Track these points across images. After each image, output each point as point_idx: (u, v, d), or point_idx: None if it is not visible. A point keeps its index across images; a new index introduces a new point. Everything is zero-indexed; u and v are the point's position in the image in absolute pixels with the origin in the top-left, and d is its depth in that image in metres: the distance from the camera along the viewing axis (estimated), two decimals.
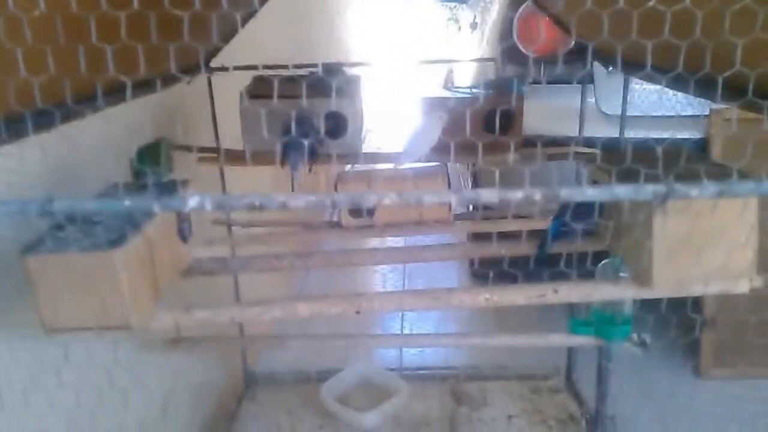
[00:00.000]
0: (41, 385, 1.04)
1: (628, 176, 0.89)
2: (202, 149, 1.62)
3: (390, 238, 1.74)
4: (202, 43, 0.90)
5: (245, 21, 1.42)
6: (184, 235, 1.24)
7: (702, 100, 2.05)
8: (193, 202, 0.56)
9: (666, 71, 0.84)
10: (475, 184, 2.76)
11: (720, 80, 0.71)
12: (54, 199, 0.57)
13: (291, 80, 1.56)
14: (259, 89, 1.55)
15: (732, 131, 1.93)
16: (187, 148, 1.52)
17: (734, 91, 0.80)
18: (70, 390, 1.09)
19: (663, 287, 1.05)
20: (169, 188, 1.23)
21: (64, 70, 0.66)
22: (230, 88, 1.61)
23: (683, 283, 1.03)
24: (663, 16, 0.69)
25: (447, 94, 2.17)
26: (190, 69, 1.49)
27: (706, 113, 2.07)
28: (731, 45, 0.66)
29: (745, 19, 0.66)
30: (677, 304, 1.12)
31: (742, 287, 1.04)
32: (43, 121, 0.81)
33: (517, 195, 0.55)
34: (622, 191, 0.56)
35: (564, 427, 1.80)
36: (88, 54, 0.66)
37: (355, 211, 1.60)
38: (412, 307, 1.15)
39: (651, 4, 0.68)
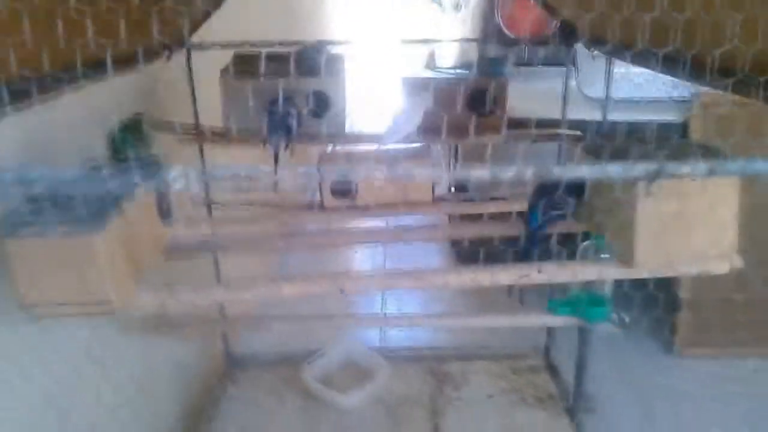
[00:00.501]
0: (18, 364, 1.01)
1: (617, 157, 0.89)
2: (183, 126, 1.58)
3: (372, 220, 1.73)
4: (186, 14, 0.87)
5: None
6: (165, 213, 1.22)
7: (685, 84, 2.06)
8: (176, 175, 0.54)
9: (655, 54, 0.84)
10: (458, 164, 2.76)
11: (709, 61, 0.71)
12: (32, 168, 0.55)
13: (273, 58, 1.53)
14: (240, 67, 1.52)
15: (717, 114, 1.95)
16: (168, 125, 1.49)
17: (724, 74, 0.80)
18: (47, 369, 1.07)
19: (646, 267, 1.06)
20: (150, 164, 1.20)
21: (43, 40, 0.64)
22: (208, 66, 1.57)
23: (666, 263, 1.05)
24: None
25: (430, 74, 2.15)
26: (171, 45, 1.45)
27: (687, 97, 2.09)
28: (721, 27, 0.66)
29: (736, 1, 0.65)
30: (655, 284, 1.13)
31: (723, 267, 1.05)
32: (20, 91, 0.78)
33: (509, 172, 0.54)
34: (614, 170, 0.56)
35: (543, 406, 1.82)
36: (68, 24, 0.64)
37: (338, 192, 1.58)
38: (397, 287, 1.15)
39: None
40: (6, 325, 1.00)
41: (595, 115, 1.86)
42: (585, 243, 1.35)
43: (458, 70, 2.58)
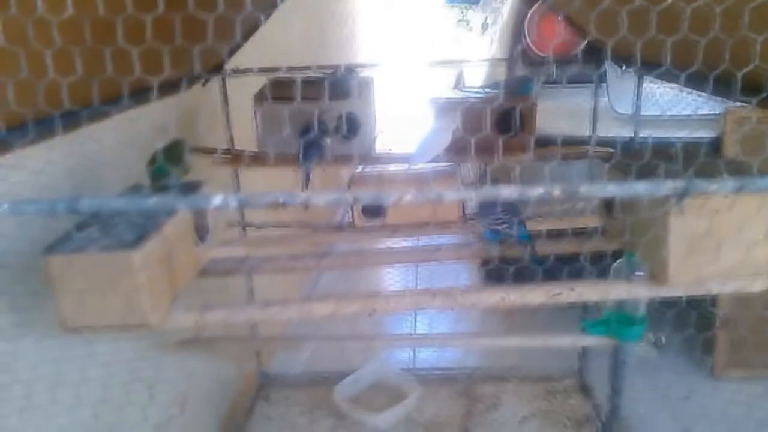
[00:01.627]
0: (69, 382, 1.05)
1: (645, 174, 0.89)
2: (219, 151, 1.63)
3: (402, 239, 1.75)
4: (224, 42, 0.91)
5: (265, 18, 1.43)
6: (201, 236, 1.26)
7: (715, 99, 2.04)
8: (217, 200, 0.57)
9: (683, 69, 0.85)
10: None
11: (738, 77, 0.71)
12: (81, 198, 0.58)
13: (305, 83, 1.57)
14: (274, 92, 1.56)
15: (745, 130, 1.92)
16: (207, 150, 1.54)
17: (751, 88, 0.80)
18: (96, 387, 1.11)
19: (679, 286, 1.05)
20: (189, 189, 1.24)
21: (91, 72, 0.68)
22: (243, 92, 1.62)
23: (699, 281, 1.03)
24: (680, 14, 0.69)
25: (458, 94, 2.17)
26: (211, 70, 1.50)
27: (719, 113, 2.06)
28: (749, 43, 0.66)
29: (763, 16, 0.66)
30: (692, 302, 1.11)
31: (759, 285, 1.04)
32: (70, 121, 0.82)
33: (537, 190, 0.55)
34: (642, 187, 0.57)
35: (578, 428, 1.79)
36: (113, 55, 0.67)
37: (368, 212, 1.60)
38: (427, 307, 1.15)
39: (668, 2, 0.68)
40: (56, 343, 1.04)
41: (625, 133, 1.85)
42: (617, 261, 1.34)
43: (486, 90, 2.59)
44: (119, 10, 0.62)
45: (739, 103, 1.69)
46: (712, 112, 2.10)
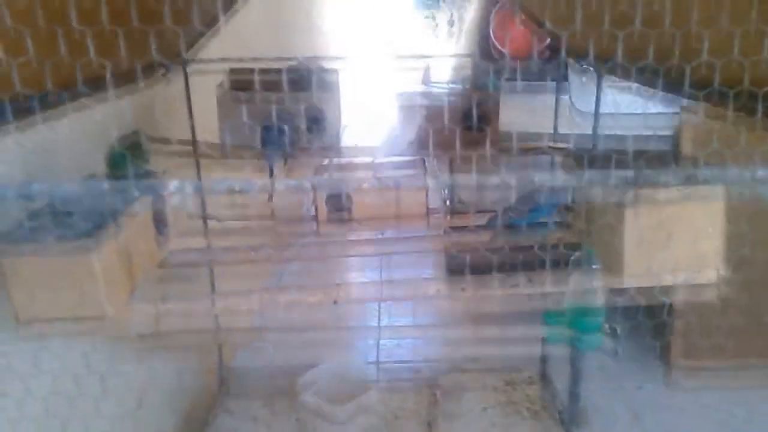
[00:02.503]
0: (19, 375, 1.03)
1: (598, 166, 0.91)
2: (179, 142, 1.61)
3: (366, 233, 1.75)
4: (183, 31, 0.90)
5: (226, 8, 1.41)
6: (160, 227, 1.24)
7: (673, 97, 2.10)
8: (173, 186, 0.56)
9: (636, 64, 0.87)
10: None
11: (687, 71, 0.73)
12: (32, 183, 0.57)
13: (269, 74, 1.56)
14: (237, 82, 1.55)
15: (699, 127, 1.98)
16: (165, 140, 1.51)
17: (700, 85, 0.83)
18: (47, 380, 1.08)
19: (633, 276, 1.08)
20: (147, 178, 1.22)
21: (44, 55, 0.66)
22: (205, 84, 1.60)
23: (653, 272, 1.06)
24: (633, 10, 0.71)
25: (424, 89, 2.19)
26: (168, 61, 1.48)
27: (677, 111, 2.12)
28: (699, 38, 0.69)
29: (713, 12, 0.68)
30: (648, 307, 1.15)
31: (708, 276, 1.07)
32: (22, 107, 0.80)
33: (494, 180, 0.56)
34: (593, 176, 0.58)
35: (538, 419, 1.83)
36: (69, 41, 0.66)
37: (332, 206, 1.60)
38: (389, 297, 1.16)
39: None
40: (6, 336, 1.01)
41: (585, 129, 1.89)
42: (576, 253, 1.36)
43: (452, 86, 2.62)
44: None
45: (693, 100, 1.75)
46: (669, 110, 2.16)
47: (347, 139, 1.71)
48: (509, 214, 1.32)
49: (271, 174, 1.45)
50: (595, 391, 2.02)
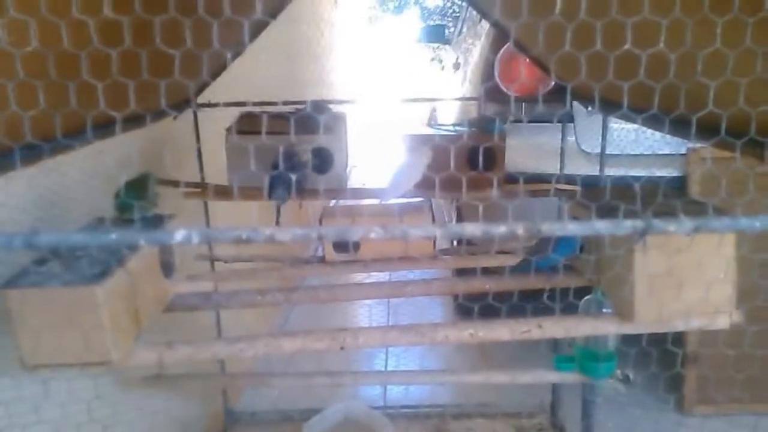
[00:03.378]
0: (19, 423, 1.01)
1: (607, 212, 0.91)
2: (188, 184, 1.62)
3: (374, 274, 1.74)
4: (192, 79, 0.91)
5: (234, 57, 1.44)
6: (167, 270, 1.24)
7: (680, 138, 2.10)
8: (179, 235, 0.56)
9: (642, 111, 0.87)
10: (459, 219, 2.79)
11: (694, 120, 0.73)
12: (40, 232, 0.57)
13: (277, 116, 1.58)
14: (245, 125, 1.57)
15: (708, 169, 1.98)
16: (173, 183, 1.53)
17: (707, 130, 0.83)
18: (50, 428, 1.07)
19: (645, 322, 1.06)
20: (155, 222, 1.23)
21: (54, 105, 0.67)
22: (215, 125, 1.62)
23: (665, 318, 1.05)
24: (638, 58, 0.72)
25: (430, 131, 2.20)
26: (178, 105, 1.50)
27: (684, 152, 2.12)
28: (704, 86, 0.69)
29: (718, 61, 0.69)
30: (659, 339, 1.13)
31: (722, 322, 1.05)
32: (31, 154, 0.81)
33: (501, 229, 0.56)
34: (602, 226, 0.58)
35: None
36: (78, 89, 0.67)
37: (340, 247, 1.60)
38: (396, 343, 1.14)
39: (627, 47, 0.71)
40: (9, 381, 1.00)
41: (592, 170, 1.89)
42: (586, 297, 1.35)
43: (458, 128, 2.64)
44: (85, 43, 0.62)
45: (697, 143, 1.75)
46: (676, 152, 2.17)
47: (354, 181, 1.72)
48: (531, 258, 1.31)
49: (278, 218, 1.45)
50: None
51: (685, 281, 0.99)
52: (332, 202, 1.86)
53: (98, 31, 0.66)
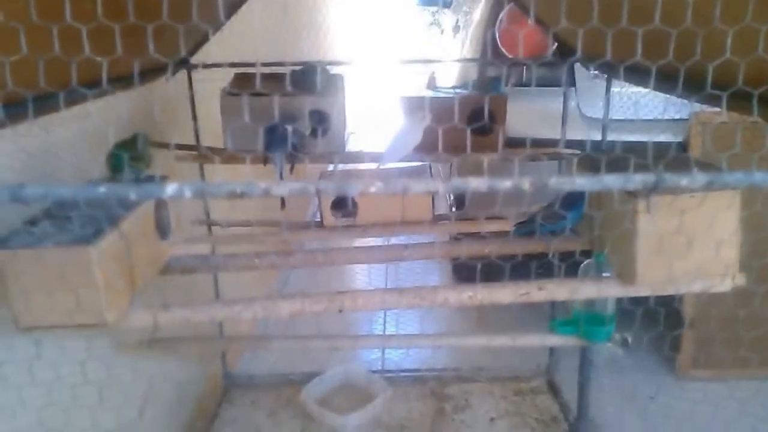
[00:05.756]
0: (12, 384, 1.00)
1: (615, 169, 0.88)
2: (181, 146, 1.59)
3: (372, 239, 1.73)
4: (185, 32, 0.88)
5: (230, 12, 1.39)
6: (163, 232, 1.22)
7: (682, 103, 2.07)
8: (171, 188, 0.54)
9: (649, 70, 0.84)
10: None
11: (710, 70, 0.70)
12: (26, 185, 0.55)
13: (274, 77, 1.54)
14: (241, 85, 1.53)
15: (712, 131, 1.95)
16: (165, 145, 1.49)
17: (720, 88, 0.80)
18: (42, 389, 1.06)
19: (647, 285, 1.05)
20: (147, 181, 1.20)
21: (40, 58, 0.64)
22: (210, 87, 1.58)
23: (667, 280, 1.03)
24: (651, 8, 0.68)
25: (430, 94, 2.16)
26: (171, 63, 1.46)
27: (686, 117, 2.09)
28: (720, 36, 0.66)
29: (735, 11, 0.65)
30: (658, 302, 1.12)
31: (725, 285, 1.04)
32: (16, 111, 0.78)
33: (506, 183, 0.54)
34: (611, 180, 0.56)
35: (546, 429, 1.80)
36: (64, 38, 0.64)
37: (337, 208, 1.58)
38: (396, 305, 1.13)
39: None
40: (1, 342, 0.99)
41: (594, 136, 1.86)
42: (586, 261, 1.34)
43: (458, 91, 2.60)
44: None
45: (705, 106, 1.71)
46: (678, 116, 2.13)
47: (353, 145, 1.69)
48: (539, 220, 1.28)
49: (281, 176, 1.42)
50: (605, 402, 1.99)
51: (689, 243, 0.97)
52: (330, 167, 1.83)
53: None
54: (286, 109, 1.46)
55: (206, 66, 1.59)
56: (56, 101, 0.86)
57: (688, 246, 0.96)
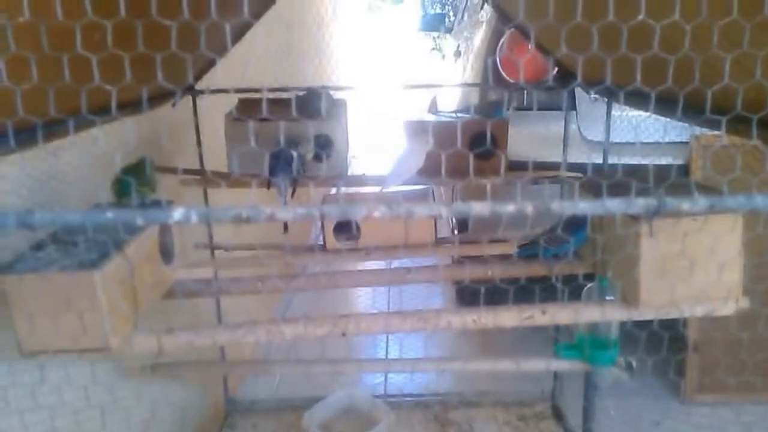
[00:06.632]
0: (15, 408, 1.00)
1: (617, 193, 0.89)
2: (186, 171, 1.60)
3: (375, 262, 1.73)
4: (191, 60, 0.90)
5: (235, 39, 1.42)
6: (167, 257, 1.22)
7: (682, 126, 2.08)
8: (178, 213, 0.54)
9: (649, 94, 0.85)
10: None
11: (708, 96, 0.71)
12: (34, 211, 0.55)
13: (277, 102, 1.56)
14: (245, 110, 1.55)
15: (713, 154, 1.96)
16: (171, 170, 1.51)
17: (719, 113, 0.81)
18: (45, 414, 1.05)
19: (650, 309, 1.04)
20: (152, 205, 1.21)
21: (48, 84, 0.65)
22: (215, 113, 1.60)
23: (671, 303, 1.03)
24: (650, 34, 0.70)
25: (432, 118, 2.18)
26: (177, 89, 1.48)
27: (686, 140, 2.11)
28: (718, 62, 0.67)
29: (733, 37, 0.67)
30: (662, 325, 1.11)
31: (729, 309, 1.04)
32: (26, 137, 0.79)
33: (509, 207, 0.54)
34: (614, 204, 0.56)
35: None
36: (74, 66, 0.65)
37: (340, 232, 1.58)
38: (399, 329, 1.13)
39: (639, 19, 0.69)
40: (5, 367, 0.99)
41: (595, 159, 1.88)
42: (590, 284, 1.34)
43: (459, 115, 2.62)
44: (79, 18, 0.59)
45: (705, 129, 1.73)
46: (679, 139, 2.15)
47: (355, 169, 1.70)
48: (543, 243, 1.29)
49: (285, 200, 1.43)
50: (610, 428, 1.97)
51: (692, 266, 0.97)
52: (333, 191, 1.84)
53: (94, 8, 0.64)
54: (291, 133, 1.48)
55: (212, 92, 1.61)
56: (65, 127, 0.87)
57: (690, 269, 0.96)
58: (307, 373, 1.85)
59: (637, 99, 1.12)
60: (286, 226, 1.47)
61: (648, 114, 2.01)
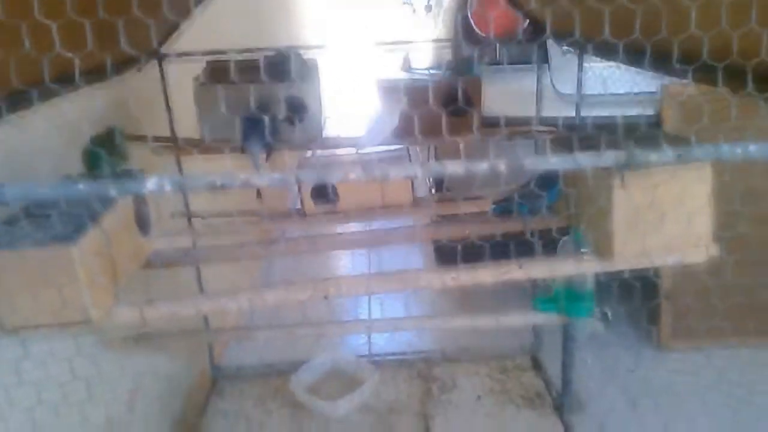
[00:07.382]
0: (2, 385, 1.00)
1: (588, 147, 0.90)
2: (157, 138, 1.57)
3: (353, 224, 1.73)
4: (154, 24, 0.87)
5: (199, 1, 1.37)
6: (143, 227, 1.21)
7: (653, 77, 2.09)
8: (151, 183, 0.54)
9: (618, 45, 0.86)
10: None
11: (675, 47, 0.72)
12: (5, 185, 0.54)
13: (247, 65, 1.53)
14: (214, 74, 1.51)
15: (683, 104, 1.98)
16: (141, 138, 1.48)
17: (687, 62, 0.82)
18: (30, 389, 1.06)
19: (624, 260, 1.07)
20: (125, 176, 1.19)
21: (9, 54, 0.63)
22: (184, 78, 1.56)
23: (643, 254, 1.06)
24: None
25: (405, 76, 2.16)
26: (142, 54, 1.44)
27: (657, 90, 2.12)
28: (686, 12, 0.67)
29: None
30: (635, 276, 1.14)
31: (699, 256, 1.07)
32: None
33: (483, 166, 0.55)
34: (585, 159, 0.57)
35: (532, 406, 1.83)
36: (34, 35, 0.63)
37: (318, 196, 1.58)
38: (380, 290, 1.15)
39: None
40: None
41: (568, 112, 1.88)
42: (564, 238, 1.36)
43: (433, 71, 2.59)
44: None
45: (675, 79, 1.74)
46: (650, 90, 2.16)
47: (330, 130, 1.68)
48: (518, 199, 1.30)
49: (256, 166, 1.42)
50: (588, 377, 2.03)
51: (663, 216, 1.00)
52: (308, 154, 1.82)
53: None
54: (261, 97, 1.45)
55: (178, 56, 1.57)
56: (29, 98, 0.85)
57: (661, 219, 0.99)
58: (290, 337, 1.87)
59: (606, 50, 1.12)
60: (259, 192, 1.46)
61: (618, 65, 2.02)
